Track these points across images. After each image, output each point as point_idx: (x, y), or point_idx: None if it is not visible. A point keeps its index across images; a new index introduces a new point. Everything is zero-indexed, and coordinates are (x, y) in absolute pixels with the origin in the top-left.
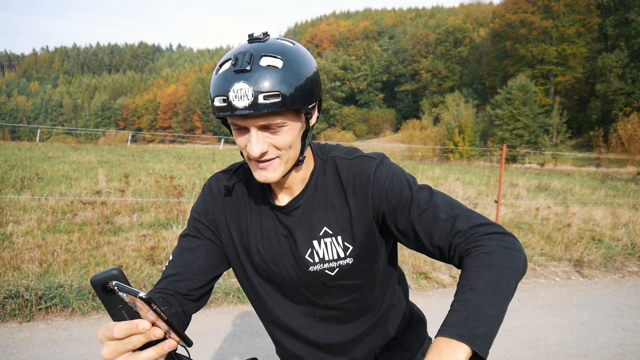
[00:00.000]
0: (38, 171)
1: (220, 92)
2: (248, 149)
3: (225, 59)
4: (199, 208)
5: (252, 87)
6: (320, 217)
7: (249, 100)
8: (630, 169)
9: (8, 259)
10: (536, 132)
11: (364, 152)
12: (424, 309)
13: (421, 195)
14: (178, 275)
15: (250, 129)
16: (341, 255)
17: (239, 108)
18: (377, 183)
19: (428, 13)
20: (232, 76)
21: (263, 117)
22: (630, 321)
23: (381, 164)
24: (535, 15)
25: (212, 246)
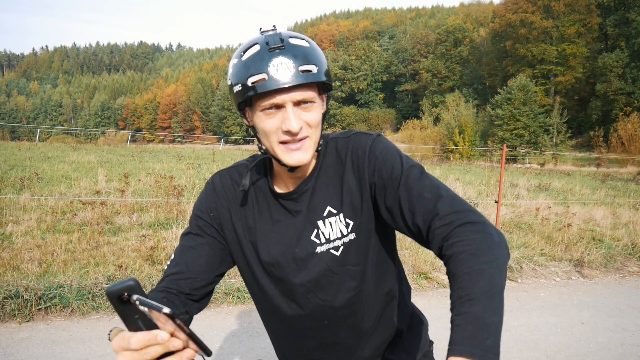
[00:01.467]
0: (38, 171)
1: (257, 70)
2: (286, 126)
3: (248, 45)
4: (202, 205)
5: (291, 60)
6: (324, 197)
7: (292, 72)
8: (630, 169)
9: (8, 259)
10: (536, 132)
11: (360, 130)
12: (424, 309)
13: (411, 172)
14: (181, 273)
15: (287, 105)
16: (344, 232)
17: (282, 81)
18: (371, 157)
19: (428, 13)
20: (267, 54)
21: (301, 89)
22: (630, 321)
23: (377, 139)
24: (535, 15)
25: (215, 244)
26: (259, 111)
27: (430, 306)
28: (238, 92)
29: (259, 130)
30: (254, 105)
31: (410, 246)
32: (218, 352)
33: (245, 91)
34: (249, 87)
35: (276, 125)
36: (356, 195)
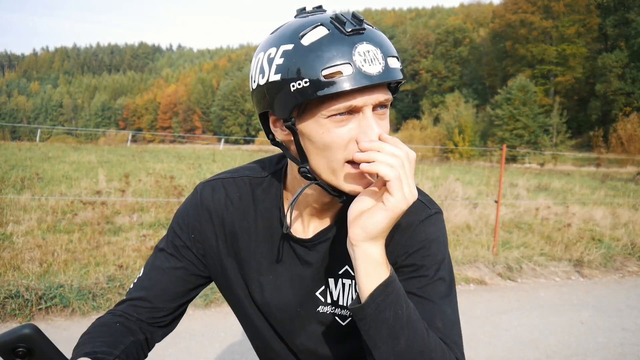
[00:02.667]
0: (38, 171)
1: (336, 59)
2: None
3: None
4: (183, 221)
5: (378, 48)
6: (344, 251)
7: (382, 64)
8: (630, 169)
9: (8, 259)
10: (536, 132)
11: (420, 193)
12: None
13: (438, 286)
14: (142, 301)
15: (365, 109)
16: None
17: (372, 75)
18: (413, 236)
19: (428, 13)
20: (346, 39)
21: (382, 89)
22: (630, 321)
23: (431, 218)
24: (535, 15)
25: (191, 269)
26: (324, 118)
27: None
28: (299, 91)
29: (310, 144)
30: (312, 110)
31: None
32: (218, 352)
33: (315, 88)
34: (322, 82)
35: (348, 136)
36: None
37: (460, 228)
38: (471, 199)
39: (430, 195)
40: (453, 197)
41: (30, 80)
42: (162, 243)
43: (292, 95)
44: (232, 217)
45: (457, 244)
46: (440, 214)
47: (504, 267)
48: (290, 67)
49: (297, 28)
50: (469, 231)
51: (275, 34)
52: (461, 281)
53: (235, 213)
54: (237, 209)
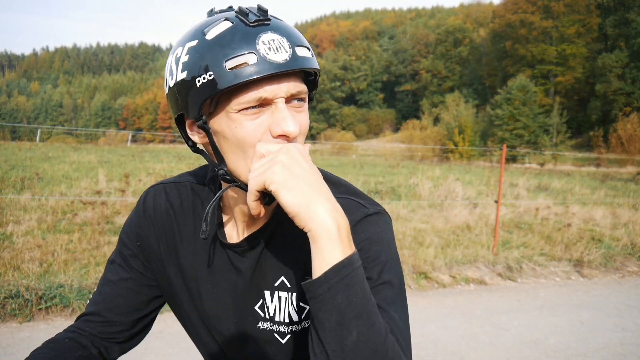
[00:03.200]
0: (38, 171)
1: (239, 49)
2: (281, 127)
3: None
4: (129, 229)
5: (284, 37)
6: (280, 261)
7: (288, 52)
8: (630, 169)
9: (8, 259)
10: (536, 132)
11: (358, 193)
12: (424, 309)
13: (384, 290)
14: (95, 315)
15: (277, 101)
16: (294, 318)
17: (278, 62)
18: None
19: (428, 13)
20: (250, 30)
21: (295, 79)
22: (630, 321)
23: (370, 218)
24: (535, 15)
25: (141, 280)
26: (235, 112)
27: (430, 306)
28: (204, 86)
29: (225, 142)
30: (222, 105)
31: (411, 246)
32: None
33: (220, 80)
34: (227, 74)
35: (262, 129)
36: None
37: (460, 228)
38: (471, 199)
39: (429, 195)
40: (453, 197)
41: (30, 80)
42: (113, 255)
43: (199, 90)
44: (173, 223)
45: (457, 244)
46: (382, 215)
47: (504, 267)
48: (195, 62)
49: (201, 25)
50: (469, 231)
51: (183, 35)
52: (461, 281)
53: (176, 219)
54: (178, 215)
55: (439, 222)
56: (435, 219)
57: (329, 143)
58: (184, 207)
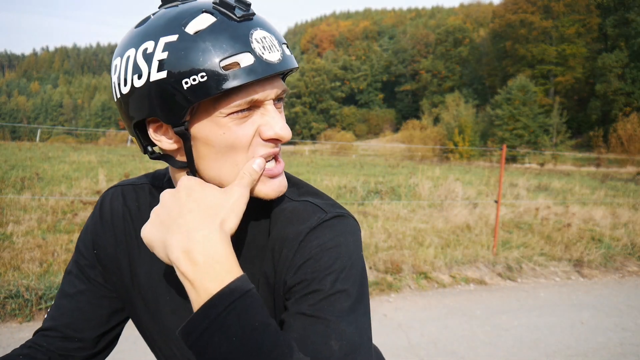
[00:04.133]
0: (38, 171)
1: (236, 49)
2: (275, 129)
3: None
4: (85, 236)
5: (272, 34)
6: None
7: (279, 51)
8: (630, 169)
9: (8, 259)
10: (536, 132)
11: (319, 196)
12: (423, 309)
13: (339, 300)
14: (52, 331)
15: (266, 103)
16: None
17: (273, 63)
18: (304, 247)
19: (428, 13)
20: (239, 25)
21: (280, 81)
22: (630, 321)
23: (328, 223)
24: (535, 15)
25: (100, 292)
26: (224, 117)
27: (430, 306)
28: (195, 88)
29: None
30: (207, 109)
31: (410, 246)
32: None
33: (216, 82)
34: (222, 75)
35: (251, 133)
36: (271, 290)
37: (460, 228)
38: (471, 199)
39: (429, 195)
40: (453, 197)
41: (30, 80)
42: (70, 265)
43: (186, 93)
44: (130, 229)
45: (457, 244)
46: (342, 218)
47: (504, 267)
48: (178, 61)
49: (174, 17)
50: (469, 231)
51: (145, 27)
52: (461, 281)
53: (133, 225)
54: (135, 220)
55: (439, 222)
56: (435, 219)
57: (329, 143)
58: (141, 211)
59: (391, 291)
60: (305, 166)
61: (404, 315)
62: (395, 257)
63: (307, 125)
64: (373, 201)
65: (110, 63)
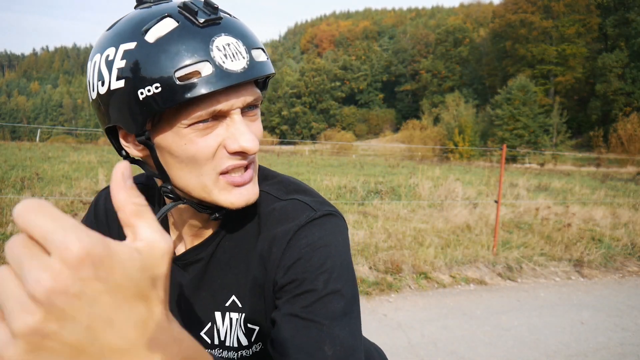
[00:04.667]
0: (38, 171)
1: (193, 57)
2: (239, 143)
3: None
4: None
5: (240, 39)
6: (229, 280)
7: (246, 58)
8: (630, 169)
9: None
10: (536, 132)
11: (307, 192)
12: (423, 309)
13: (332, 302)
14: None
15: (232, 113)
16: (243, 342)
17: (236, 72)
18: (293, 246)
19: (428, 13)
20: (200, 32)
21: (250, 87)
22: (630, 321)
23: (316, 222)
24: (535, 15)
25: None
26: (185, 127)
27: (430, 306)
28: (149, 99)
29: (172, 159)
30: (169, 119)
31: (410, 246)
32: None
33: (170, 94)
34: (177, 87)
35: (215, 145)
36: (261, 290)
37: (460, 228)
38: (471, 199)
39: (429, 195)
40: (453, 197)
41: (30, 80)
42: None
43: (142, 105)
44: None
45: (457, 244)
46: (331, 216)
47: (504, 267)
48: (134, 70)
49: (138, 22)
50: (469, 231)
51: (113, 30)
52: (461, 281)
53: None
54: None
55: (439, 222)
56: (435, 219)
57: (329, 143)
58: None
59: (391, 291)
60: (305, 166)
61: (404, 315)
62: (395, 257)
63: (307, 125)
64: (373, 201)
65: None
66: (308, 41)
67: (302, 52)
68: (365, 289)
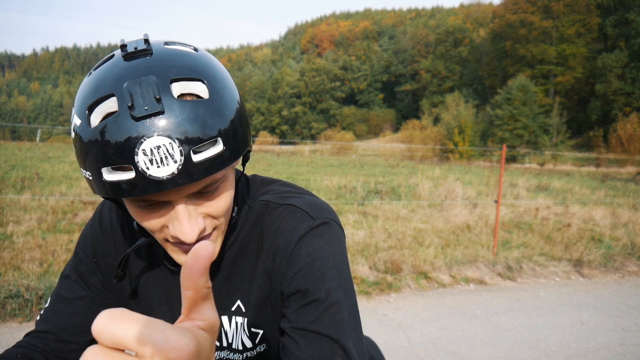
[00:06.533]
0: (38, 171)
1: (118, 161)
2: (177, 233)
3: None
4: (85, 244)
5: (176, 139)
6: (234, 286)
7: (178, 162)
8: (630, 169)
9: (8, 259)
10: (536, 132)
11: (304, 199)
12: (423, 309)
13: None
14: (48, 333)
15: (175, 203)
16: (247, 344)
17: (161, 180)
18: (294, 255)
19: (428, 13)
20: (134, 126)
21: (197, 181)
22: (630, 321)
23: (315, 230)
24: (535, 15)
25: (97, 298)
26: (131, 201)
27: (430, 306)
28: (89, 182)
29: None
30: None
31: (410, 246)
32: None
33: (98, 189)
34: (104, 184)
35: (159, 225)
36: (267, 299)
37: (460, 228)
38: (471, 199)
39: (429, 195)
40: (453, 197)
41: (30, 80)
42: (67, 269)
43: (88, 182)
44: (128, 239)
45: (457, 244)
46: (328, 224)
47: (504, 267)
48: (76, 148)
49: (93, 90)
50: (469, 231)
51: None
52: (461, 281)
53: (130, 236)
54: (132, 231)
55: (439, 222)
56: (435, 219)
57: (329, 143)
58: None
59: (391, 291)
60: (305, 166)
61: (404, 315)
62: (395, 257)
63: (307, 125)
64: (373, 201)
65: None
66: (308, 41)
67: (302, 52)
68: (365, 288)
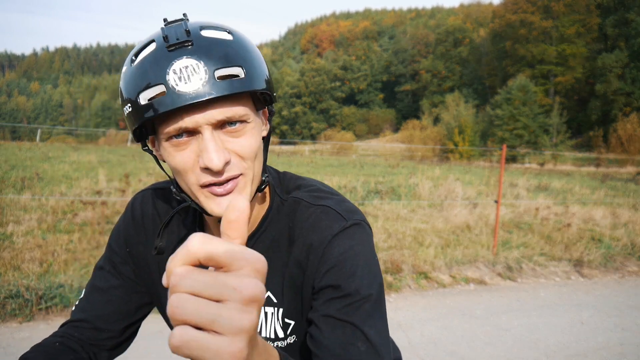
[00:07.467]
0: (38, 171)
1: (150, 80)
2: (204, 161)
3: (142, 45)
4: (118, 235)
5: (202, 61)
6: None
7: (203, 79)
8: (630, 169)
9: (8, 259)
10: (536, 132)
11: (336, 201)
12: (423, 309)
13: (363, 305)
14: (84, 322)
15: (202, 130)
16: (280, 334)
17: (187, 93)
18: (327, 254)
19: (428, 13)
20: (165, 55)
21: (224, 104)
22: (630, 321)
23: (347, 231)
24: (535, 15)
25: (130, 287)
26: (164, 141)
27: (430, 306)
28: (130, 115)
29: (170, 168)
30: (156, 134)
31: (410, 246)
32: None
33: (139, 113)
34: (142, 106)
35: (191, 161)
36: (298, 291)
37: (460, 228)
38: (471, 199)
39: (429, 195)
40: (453, 197)
41: (30, 80)
42: (101, 261)
43: (128, 118)
44: (158, 228)
45: (457, 244)
46: (360, 225)
47: (504, 267)
48: (122, 90)
49: (140, 46)
50: (469, 231)
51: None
52: (461, 281)
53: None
54: (162, 220)
55: (439, 222)
56: (435, 219)
57: (329, 143)
58: (170, 213)
59: (391, 291)
60: (305, 166)
61: (404, 315)
62: (395, 257)
63: (307, 125)
64: (373, 201)
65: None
66: (308, 41)
67: (302, 52)
68: None
